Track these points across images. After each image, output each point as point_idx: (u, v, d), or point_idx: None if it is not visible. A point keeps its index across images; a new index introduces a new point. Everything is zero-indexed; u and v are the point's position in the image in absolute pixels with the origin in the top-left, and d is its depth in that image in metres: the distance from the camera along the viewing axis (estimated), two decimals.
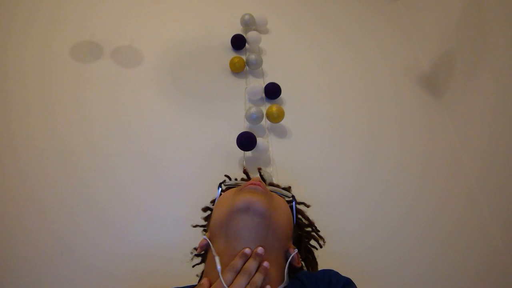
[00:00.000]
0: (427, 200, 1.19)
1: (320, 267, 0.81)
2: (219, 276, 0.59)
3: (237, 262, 0.61)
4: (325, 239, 0.82)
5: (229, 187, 0.80)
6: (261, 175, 0.96)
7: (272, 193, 0.75)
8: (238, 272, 0.60)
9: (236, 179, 0.90)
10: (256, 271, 0.61)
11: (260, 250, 0.62)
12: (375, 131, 1.35)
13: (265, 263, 0.62)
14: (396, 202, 1.18)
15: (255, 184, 0.70)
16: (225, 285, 0.58)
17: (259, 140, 1.15)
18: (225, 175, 0.93)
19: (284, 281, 0.65)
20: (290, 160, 1.21)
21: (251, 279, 0.60)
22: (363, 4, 1.83)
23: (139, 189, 1.07)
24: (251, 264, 0.60)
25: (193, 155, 1.17)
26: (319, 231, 0.82)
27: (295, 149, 1.25)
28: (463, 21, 1.39)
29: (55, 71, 1.28)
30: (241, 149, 1.14)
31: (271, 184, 0.88)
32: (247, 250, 0.62)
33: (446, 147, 1.34)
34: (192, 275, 0.79)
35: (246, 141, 1.12)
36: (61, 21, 1.42)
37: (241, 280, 0.59)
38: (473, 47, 1.34)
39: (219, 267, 0.61)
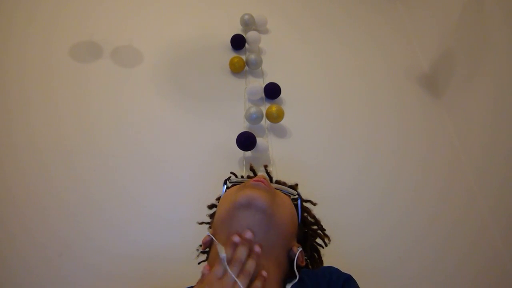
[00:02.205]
0: (427, 200, 1.19)
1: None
2: (220, 264, 0.59)
3: (228, 253, 0.60)
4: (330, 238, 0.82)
5: (234, 184, 0.80)
6: (267, 172, 0.96)
7: (277, 190, 0.74)
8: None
9: (242, 176, 0.90)
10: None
11: (248, 235, 0.61)
12: (375, 131, 1.35)
13: (257, 248, 0.61)
14: (396, 202, 1.18)
15: (258, 181, 0.70)
16: (232, 274, 0.57)
17: (259, 140, 1.15)
18: (231, 172, 0.93)
19: (297, 278, 0.64)
20: (289, 160, 1.21)
21: (244, 267, 0.59)
22: (363, 4, 1.83)
23: (138, 189, 1.07)
24: (240, 252, 0.59)
25: (192, 155, 1.17)
26: (324, 229, 0.82)
27: (295, 149, 1.25)
28: (463, 21, 1.39)
29: (55, 71, 1.28)
30: (241, 149, 1.14)
31: (278, 182, 0.87)
32: (236, 238, 0.61)
33: (446, 147, 1.34)
34: (192, 276, 0.79)
35: (246, 141, 1.12)
36: (61, 21, 1.42)
37: (233, 269, 0.58)
38: (473, 47, 1.33)
39: (223, 255, 0.59)
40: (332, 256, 0.83)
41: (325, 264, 0.81)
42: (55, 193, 1.02)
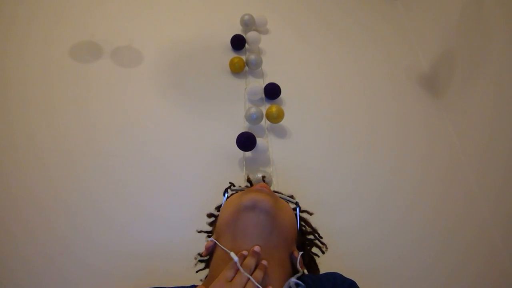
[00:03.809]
0: (427, 200, 1.19)
1: (319, 267, 0.81)
2: (238, 269, 0.61)
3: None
4: (325, 240, 0.83)
5: (234, 193, 0.82)
6: (264, 182, 0.97)
7: (278, 197, 0.77)
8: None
9: (240, 186, 0.92)
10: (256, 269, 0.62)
11: (256, 248, 0.63)
12: (375, 131, 1.35)
13: (264, 262, 0.63)
14: (396, 202, 1.18)
15: (261, 187, 0.74)
16: (246, 274, 0.59)
17: (258, 140, 1.15)
18: (230, 183, 0.94)
19: (300, 272, 0.67)
20: (289, 160, 1.21)
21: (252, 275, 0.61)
22: (363, 4, 1.83)
23: (138, 188, 1.07)
24: (249, 261, 0.62)
25: (192, 155, 1.17)
26: (322, 238, 0.83)
27: (295, 150, 1.25)
28: (463, 21, 1.39)
29: (55, 71, 1.28)
30: (240, 149, 1.14)
31: (275, 192, 0.89)
32: (245, 252, 0.63)
33: (446, 147, 1.34)
34: (193, 275, 0.79)
35: (246, 141, 1.12)
36: (61, 21, 1.42)
37: (242, 275, 0.60)
38: (473, 47, 1.33)
39: (236, 258, 0.62)
40: (331, 257, 0.83)
41: (324, 266, 0.81)
42: (55, 193, 1.03)
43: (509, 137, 1.14)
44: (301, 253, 0.71)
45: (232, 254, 0.63)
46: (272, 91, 1.33)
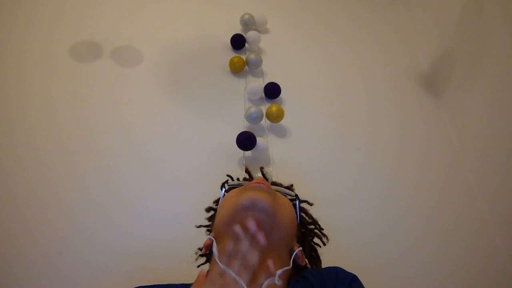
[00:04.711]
0: (427, 200, 1.19)
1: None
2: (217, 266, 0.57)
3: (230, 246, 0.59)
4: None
5: (232, 187, 0.81)
6: (263, 174, 0.96)
7: (276, 192, 0.75)
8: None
9: (238, 179, 0.91)
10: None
11: (251, 224, 0.59)
12: (375, 131, 1.35)
13: (260, 237, 0.58)
14: (395, 201, 1.18)
15: (259, 183, 0.71)
16: (229, 270, 0.56)
17: (258, 139, 1.15)
18: (227, 175, 0.93)
19: (289, 266, 0.64)
20: (289, 160, 1.21)
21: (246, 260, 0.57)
22: (363, 4, 1.83)
23: (138, 188, 1.07)
24: (243, 246, 0.57)
25: (192, 154, 1.17)
26: (322, 229, 0.83)
27: (295, 149, 1.25)
28: (463, 21, 1.39)
29: (55, 71, 1.28)
30: (240, 148, 1.14)
31: (274, 183, 0.88)
32: (237, 228, 0.59)
33: (446, 147, 1.34)
34: (193, 273, 0.79)
35: (246, 141, 1.12)
36: (61, 21, 1.42)
37: (235, 265, 0.56)
38: (473, 47, 1.34)
39: (216, 252, 0.59)
40: (332, 256, 0.83)
41: (325, 263, 0.81)
42: (55, 193, 1.02)
43: (509, 137, 1.14)
44: (299, 248, 0.70)
45: (215, 251, 0.60)
46: (272, 91, 1.33)
